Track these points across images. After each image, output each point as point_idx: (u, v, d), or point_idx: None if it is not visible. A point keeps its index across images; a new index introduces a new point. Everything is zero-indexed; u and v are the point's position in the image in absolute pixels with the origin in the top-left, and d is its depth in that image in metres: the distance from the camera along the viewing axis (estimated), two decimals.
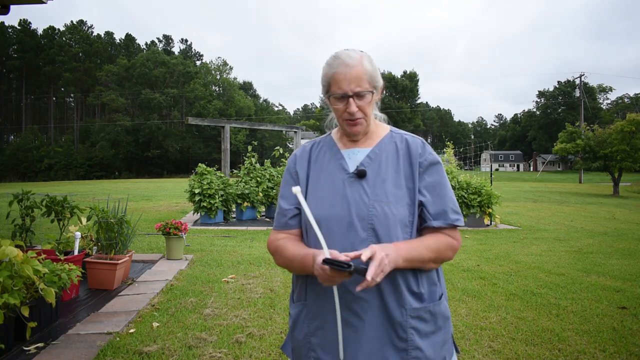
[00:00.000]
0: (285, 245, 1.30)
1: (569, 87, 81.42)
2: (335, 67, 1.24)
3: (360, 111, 1.25)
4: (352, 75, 1.22)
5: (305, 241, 1.33)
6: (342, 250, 1.19)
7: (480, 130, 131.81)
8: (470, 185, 9.52)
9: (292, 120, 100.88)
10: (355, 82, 1.22)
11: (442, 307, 1.28)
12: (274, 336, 3.23)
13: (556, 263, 5.96)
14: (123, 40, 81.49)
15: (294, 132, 13.74)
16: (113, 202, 4.99)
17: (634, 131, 23.92)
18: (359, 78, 1.22)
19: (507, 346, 3.12)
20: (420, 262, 1.20)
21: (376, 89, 1.28)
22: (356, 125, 1.27)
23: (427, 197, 1.26)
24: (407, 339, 1.19)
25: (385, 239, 1.20)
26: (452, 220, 1.26)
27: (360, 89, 1.22)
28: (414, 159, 1.29)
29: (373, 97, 1.27)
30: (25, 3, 5.13)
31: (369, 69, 1.24)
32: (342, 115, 1.27)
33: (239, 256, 6.04)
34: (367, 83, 1.24)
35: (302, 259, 1.22)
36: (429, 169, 1.28)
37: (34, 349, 2.91)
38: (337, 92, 1.24)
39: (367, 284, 1.06)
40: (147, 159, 66.06)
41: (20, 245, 3.97)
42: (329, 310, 1.22)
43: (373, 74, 1.26)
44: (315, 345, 1.26)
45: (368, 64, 1.25)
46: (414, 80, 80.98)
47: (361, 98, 1.23)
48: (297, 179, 1.35)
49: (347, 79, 1.22)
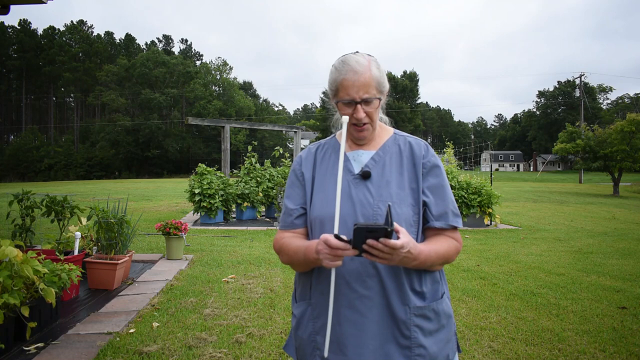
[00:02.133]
0: (289, 242, 1.32)
1: (569, 87, 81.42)
2: (344, 74, 1.25)
3: (367, 117, 1.28)
4: (360, 82, 1.23)
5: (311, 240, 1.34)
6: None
7: (480, 130, 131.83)
8: (470, 185, 9.52)
9: (292, 120, 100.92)
10: (364, 89, 1.24)
11: (445, 305, 1.30)
12: (274, 336, 3.23)
13: (556, 263, 5.96)
14: (123, 40, 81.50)
15: (294, 132, 13.74)
16: (113, 202, 4.99)
17: (634, 131, 23.91)
18: (367, 85, 1.24)
19: (507, 346, 3.12)
20: (428, 267, 1.24)
21: (383, 94, 1.31)
22: (363, 131, 1.30)
23: (430, 198, 1.29)
24: (411, 337, 1.21)
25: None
26: (453, 222, 1.30)
27: (368, 96, 1.24)
28: (417, 160, 1.32)
29: (380, 103, 1.30)
30: (25, 3, 5.13)
31: (376, 75, 1.26)
32: (349, 120, 1.29)
33: (239, 256, 6.04)
34: (375, 89, 1.26)
35: (305, 249, 1.23)
36: (431, 171, 1.32)
37: (34, 349, 2.91)
38: (345, 98, 1.26)
39: (396, 242, 1.05)
40: (147, 159, 66.08)
41: (20, 245, 3.98)
42: (334, 308, 1.23)
43: (380, 80, 1.28)
44: (320, 343, 1.27)
45: (376, 70, 1.27)
46: (414, 80, 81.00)
47: (368, 104, 1.26)
48: (303, 180, 1.37)
49: (355, 86, 1.23)
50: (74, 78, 71.31)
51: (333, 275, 1.17)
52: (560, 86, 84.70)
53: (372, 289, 1.20)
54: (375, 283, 1.20)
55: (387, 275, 1.20)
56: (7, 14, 5.02)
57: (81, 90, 73.70)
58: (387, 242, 1.04)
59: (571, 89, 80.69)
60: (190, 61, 78.30)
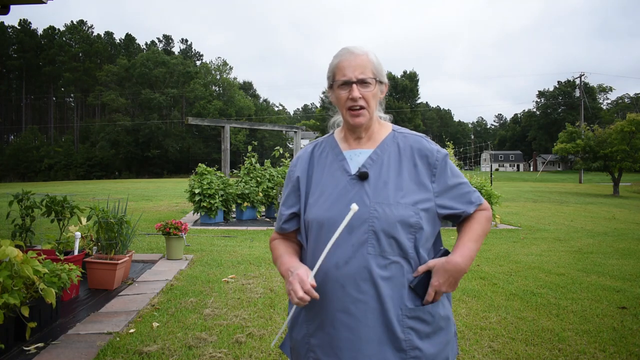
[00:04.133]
0: (276, 246, 1.40)
1: (569, 87, 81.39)
2: (341, 56, 1.29)
3: (364, 99, 1.26)
4: (357, 62, 1.26)
5: (304, 245, 1.34)
6: (343, 252, 1.20)
7: (480, 130, 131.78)
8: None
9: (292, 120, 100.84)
10: (360, 69, 1.25)
11: (442, 308, 1.27)
12: (273, 336, 3.22)
13: (556, 263, 5.96)
14: (123, 40, 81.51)
15: (294, 132, 13.74)
16: (113, 202, 4.99)
17: (634, 131, 23.92)
18: (363, 66, 1.25)
19: (507, 346, 3.12)
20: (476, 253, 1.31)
21: (381, 83, 1.30)
22: (359, 115, 1.27)
23: (452, 199, 1.31)
24: (406, 340, 1.19)
25: (386, 241, 1.19)
26: (478, 201, 1.35)
27: (364, 76, 1.25)
28: (417, 161, 1.28)
29: (377, 89, 1.28)
30: (25, 3, 5.13)
31: (374, 60, 1.28)
32: (345, 103, 1.28)
33: (239, 256, 6.03)
34: (371, 72, 1.26)
35: (280, 264, 1.32)
36: (443, 172, 1.30)
37: (34, 349, 2.91)
38: (340, 79, 1.27)
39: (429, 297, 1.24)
40: (147, 159, 66.07)
41: (20, 245, 3.98)
42: (328, 311, 1.22)
43: (378, 67, 1.29)
44: (314, 346, 1.26)
45: (373, 57, 1.29)
46: (414, 80, 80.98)
47: (365, 86, 1.26)
48: (297, 183, 1.37)
49: (351, 66, 1.25)
50: (74, 78, 71.32)
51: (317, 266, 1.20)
52: (560, 86, 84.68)
53: (367, 293, 1.19)
54: (370, 287, 1.18)
55: (382, 279, 1.19)
56: (7, 14, 5.02)
57: (81, 90, 73.69)
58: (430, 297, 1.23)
59: (571, 89, 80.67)
60: (190, 61, 78.30)
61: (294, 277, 1.18)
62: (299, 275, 1.17)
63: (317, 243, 1.26)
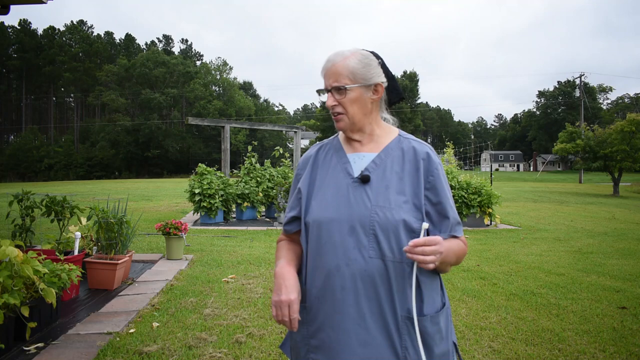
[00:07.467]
0: (280, 247, 1.43)
1: (569, 87, 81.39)
2: (323, 63, 1.31)
3: (341, 106, 1.28)
4: (332, 71, 1.27)
5: (304, 245, 1.33)
6: (343, 255, 1.20)
7: (480, 130, 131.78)
8: (470, 186, 9.51)
9: (292, 120, 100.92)
10: (334, 77, 1.27)
11: (442, 317, 1.27)
12: (274, 336, 3.23)
13: (556, 263, 5.96)
14: (123, 40, 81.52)
15: (294, 132, 13.74)
16: (113, 202, 4.99)
17: (634, 131, 23.91)
18: (337, 73, 1.26)
19: (507, 346, 3.12)
20: (447, 266, 1.27)
21: (367, 86, 1.27)
22: (338, 121, 1.31)
23: (434, 214, 1.27)
24: (403, 346, 1.19)
25: (387, 244, 1.19)
26: (455, 232, 1.28)
27: (337, 84, 1.26)
28: (420, 166, 1.28)
29: (357, 94, 1.26)
30: (25, 3, 5.13)
31: (352, 65, 1.26)
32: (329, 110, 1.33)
33: (239, 256, 6.04)
34: (347, 79, 1.25)
35: (275, 268, 1.34)
36: (433, 189, 1.27)
37: (34, 349, 2.91)
38: (323, 88, 1.32)
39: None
40: (147, 159, 66.08)
41: (20, 245, 3.98)
42: (328, 313, 1.22)
43: (359, 71, 1.26)
44: (314, 347, 1.26)
45: (354, 61, 1.26)
46: (414, 80, 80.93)
47: (340, 93, 1.27)
48: (300, 184, 1.38)
49: (327, 75, 1.29)
50: (74, 78, 71.31)
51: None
52: (560, 86, 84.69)
53: (367, 296, 1.19)
54: (370, 290, 1.18)
55: (382, 283, 1.19)
56: (7, 14, 5.02)
57: (81, 90, 73.68)
58: (420, 240, 1.14)
59: (571, 89, 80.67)
60: (190, 61, 78.27)
61: (285, 302, 1.22)
62: (290, 303, 1.22)
63: (317, 244, 1.26)
